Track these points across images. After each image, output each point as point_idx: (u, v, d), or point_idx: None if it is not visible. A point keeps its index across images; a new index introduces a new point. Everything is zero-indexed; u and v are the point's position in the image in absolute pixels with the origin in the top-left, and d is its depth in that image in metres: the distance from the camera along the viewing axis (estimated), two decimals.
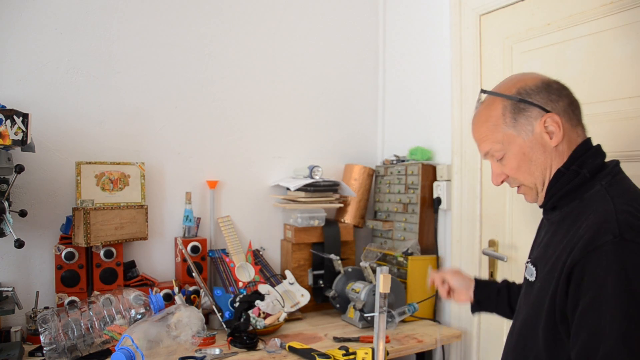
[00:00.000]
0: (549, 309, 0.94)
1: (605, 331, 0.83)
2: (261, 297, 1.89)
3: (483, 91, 1.08)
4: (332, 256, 2.13)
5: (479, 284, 1.40)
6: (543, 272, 1.01)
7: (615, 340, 0.82)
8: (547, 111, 1.00)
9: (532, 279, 1.05)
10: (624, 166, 1.03)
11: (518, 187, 1.09)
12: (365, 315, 1.92)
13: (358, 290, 1.98)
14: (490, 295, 1.37)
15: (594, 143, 1.05)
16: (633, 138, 1.45)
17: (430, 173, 2.14)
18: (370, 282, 2.02)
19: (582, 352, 0.87)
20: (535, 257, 1.08)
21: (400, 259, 2.10)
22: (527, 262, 1.11)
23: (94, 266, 1.80)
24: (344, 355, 1.56)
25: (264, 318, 1.82)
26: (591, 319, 0.86)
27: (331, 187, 2.24)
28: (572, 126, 1.02)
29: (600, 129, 1.49)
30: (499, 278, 1.88)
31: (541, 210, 1.12)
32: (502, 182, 1.09)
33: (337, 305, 2.08)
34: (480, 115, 1.08)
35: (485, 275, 1.94)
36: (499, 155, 1.05)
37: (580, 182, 0.99)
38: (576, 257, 0.88)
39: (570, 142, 1.02)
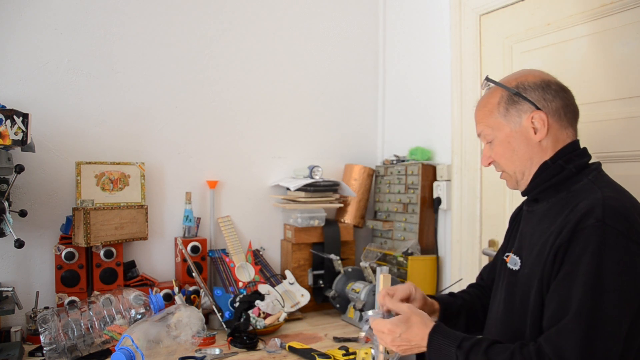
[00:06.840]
0: (538, 289, 0.99)
1: (570, 303, 0.89)
2: (261, 297, 1.89)
3: (487, 79, 1.16)
4: (332, 256, 2.13)
5: (443, 306, 1.27)
6: (529, 258, 1.05)
7: (574, 313, 0.88)
8: (538, 108, 1.06)
9: (516, 267, 1.09)
10: (624, 166, 1.04)
11: (501, 172, 1.17)
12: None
13: (358, 290, 1.98)
14: (451, 317, 1.27)
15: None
16: (634, 138, 1.45)
17: (430, 173, 2.14)
18: (370, 282, 2.02)
19: (549, 320, 0.93)
20: (517, 247, 1.13)
21: (400, 259, 2.10)
22: (507, 256, 1.15)
23: (94, 266, 1.80)
24: (344, 355, 1.56)
25: (264, 318, 1.82)
26: (562, 291, 0.92)
27: (331, 187, 2.24)
28: (561, 126, 1.08)
29: (600, 129, 1.49)
30: None
31: None
32: (489, 164, 1.17)
33: (337, 305, 2.08)
34: (482, 99, 1.17)
35: None
36: (489, 138, 1.14)
37: (567, 176, 1.05)
38: (564, 238, 0.94)
39: (557, 141, 1.08)
